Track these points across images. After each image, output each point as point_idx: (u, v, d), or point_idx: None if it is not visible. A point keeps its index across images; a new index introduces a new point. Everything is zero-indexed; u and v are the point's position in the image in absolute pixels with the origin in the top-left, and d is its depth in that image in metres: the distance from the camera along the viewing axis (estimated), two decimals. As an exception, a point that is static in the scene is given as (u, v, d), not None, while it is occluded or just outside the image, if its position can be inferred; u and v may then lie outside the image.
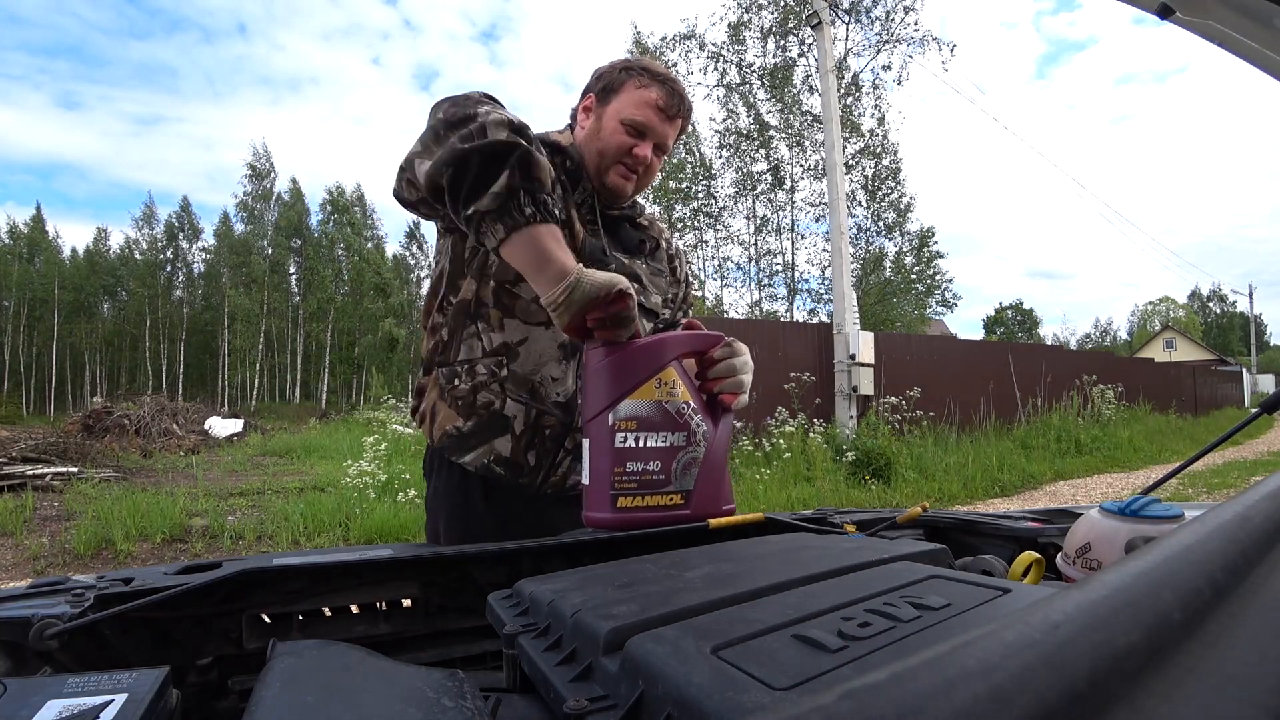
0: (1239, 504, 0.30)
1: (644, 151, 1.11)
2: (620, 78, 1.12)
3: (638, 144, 1.11)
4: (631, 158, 1.11)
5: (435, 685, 0.41)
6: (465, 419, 1.10)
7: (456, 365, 1.10)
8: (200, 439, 11.49)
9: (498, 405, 1.08)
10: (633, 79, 1.12)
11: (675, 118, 1.13)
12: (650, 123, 1.10)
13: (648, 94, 1.10)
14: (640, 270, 1.20)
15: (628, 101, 1.10)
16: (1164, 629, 0.19)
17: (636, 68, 1.13)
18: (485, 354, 1.08)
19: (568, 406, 1.10)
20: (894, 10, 14.20)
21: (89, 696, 0.37)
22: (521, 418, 1.09)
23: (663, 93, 1.11)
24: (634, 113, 1.10)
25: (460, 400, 1.09)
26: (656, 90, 1.10)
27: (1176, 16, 0.86)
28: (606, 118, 1.12)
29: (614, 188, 1.13)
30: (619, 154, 1.11)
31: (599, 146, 1.11)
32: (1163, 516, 0.62)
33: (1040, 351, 12.07)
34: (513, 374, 1.08)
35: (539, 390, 1.09)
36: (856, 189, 16.18)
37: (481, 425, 1.09)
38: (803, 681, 0.31)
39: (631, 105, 1.10)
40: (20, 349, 32.86)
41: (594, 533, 0.77)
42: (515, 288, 1.07)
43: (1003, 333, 64.76)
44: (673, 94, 1.11)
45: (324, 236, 34.35)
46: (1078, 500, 6.31)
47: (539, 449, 1.10)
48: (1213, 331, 68.28)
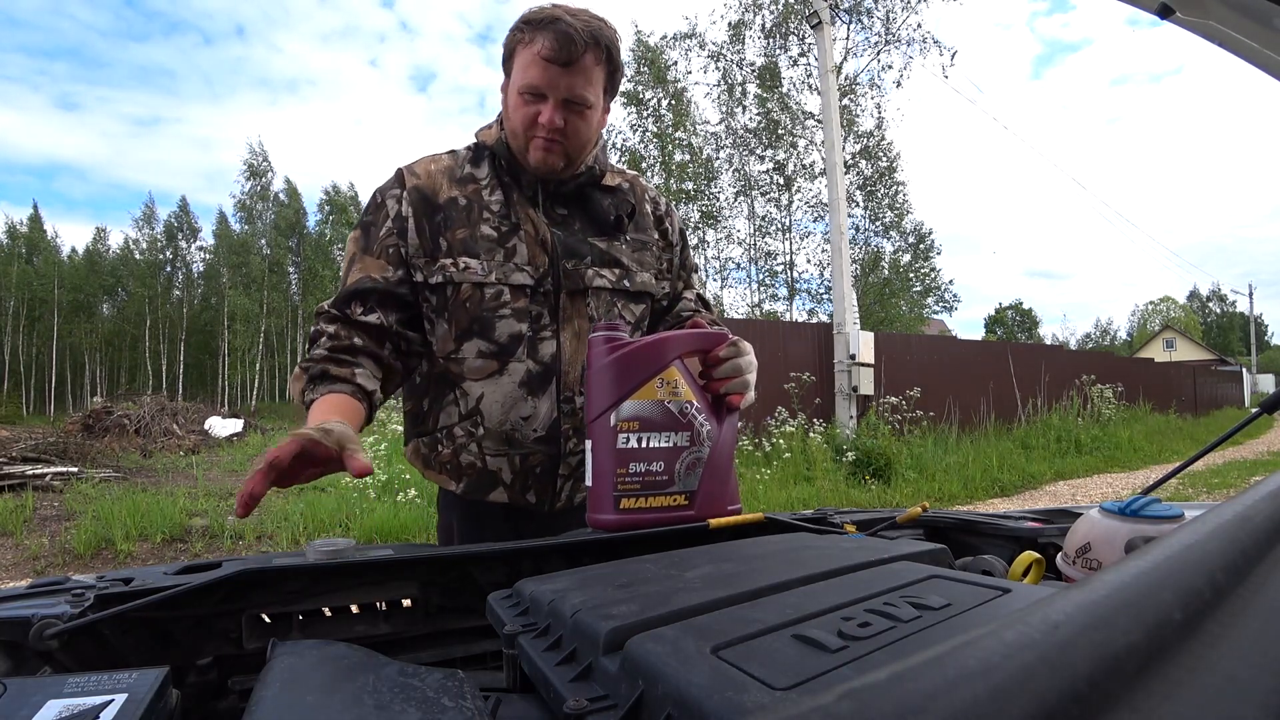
0: (1239, 504, 0.30)
1: (548, 116, 0.97)
2: (511, 40, 1.00)
3: (540, 108, 0.98)
4: (539, 127, 0.98)
5: (435, 685, 0.41)
6: (457, 482, 1.09)
7: (438, 433, 1.08)
8: (200, 439, 11.49)
9: (480, 465, 1.06)
10: (519, 38, 0.98)
11: (573, 61, 0.95)
12: (544, 81, 0.96)
13: (532, 49, 0.96)
14: (620, 252, 1.11)
15: (519, 67, 0.98)
16: (1164, 629, 0.19)
17: (520, 22, 0.99)
18: (461, 418, 1.06)
19: (548, 438, 1.05)
20: (894, 11, 14.20)
21: (89, 696, 0.37)
22: (507, 468, 1.06)
23: (549, 40, 0.94)
24: (524, 77, 0.97)
25: (446, 465, 1.08)
26: (541, 40, 0.95)
27: (1176, 16, 0.86)
28: (510, 93, 1.01)
29: (540, 165, 1.02)
30: (526, 127, 0.99)
31: (511, 127, 1.02)
32: (1163, 516, 0.62)
33: (1040, 351, 12.07)
34: (488, 432, 1.05)
35: (514, 437, 1.05)
36: (854, 189, 16.19)
37: (474, 484, 1.08)
38: (803, 681, 0.31)
39: (521, 69, 0.98)
40: (20, 349, 32.84)
41: (594, 533, 0.77)
42: (458, 352, 1.04)
43: (1003, 333, 64.77)
44: (560, 36, 0.94)
45: (322, 236, 34.34)
46: (1078, 500, 6.31)
47: (535, 487, 1.08)
48: (1213, 331, 68.28)
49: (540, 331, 1.04)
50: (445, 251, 1.03)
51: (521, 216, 1.06)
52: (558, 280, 1.05)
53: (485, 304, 1.02)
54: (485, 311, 1.02)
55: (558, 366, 1.05)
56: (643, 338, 0.86)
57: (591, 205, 1.11)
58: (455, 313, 1.03)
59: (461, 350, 1.04)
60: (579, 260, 1.06)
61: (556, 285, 1.05)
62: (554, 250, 1.05)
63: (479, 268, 1.02)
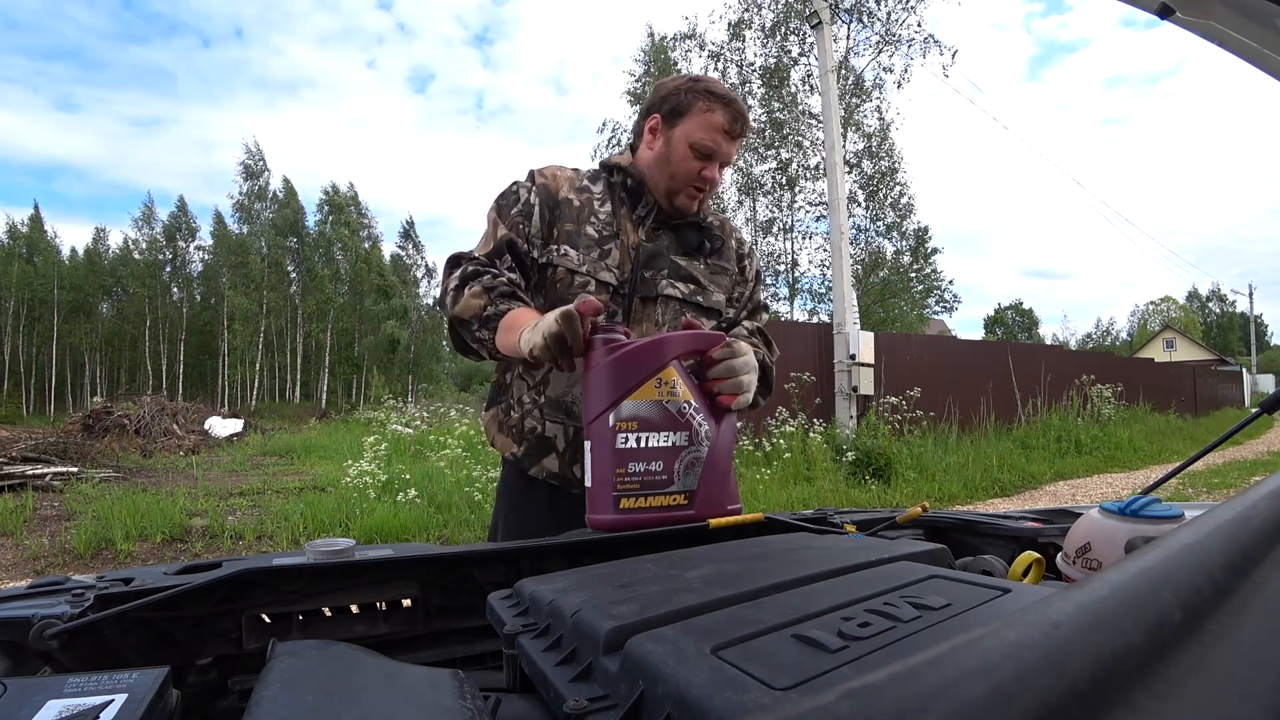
0: (1239, 504, 0.30)
1: (712, 174, 1.18)
2: (687, 100, 1.17)
3: (706, 166, 1.17)
4: (701, 180, 1.18)
5: (435, 685, 0.41)
6: (518, 444, 1.21)
7: (510, 400, 1.24)
8: (200, 439, 11.49)
9: (540, 429, 1.19)
10: (699, 102, 1.16)
11: (739, 137, 1.19)
12: (718, 146, 1.16)
13: (714, 118, 1.15)
14: (697, 271, 1.26)
15: (695, 126, 1.16)
16: (1164, 629, 0.19)
17: (701, 90, 1.17)
18: (529, 387, 1.21)
19: None
20: (895, 10, 14.18)
21: (89, 696, 0.37)
22: (561, 436, 1.18)
23: (728, 115, 1.16)
24: (702, 137, 1.16)
25: (513, 429, 1.22)
26: (722, 113, 1.16)
27: (1176, 16, 0.86)
28: (675, 142, 1.18)
29: (683, 208, 1.22)
30: (689, 179, 1.18)
31: (670, 170, 1.19)
32: (1163, 516, 0.62)
33: (1040, 351, 12.08)
34: (548, 399, 1.18)
35: (573, 409, 1.17)
36: (856, 189, 16.18)
37: (531, 449, 1.20)
38: (803, 681, 0.31)
39: (700, 130, 1.16)
40: (20, 349, 32.84)
41: (594, 533, 0.77)
42: None
43: (1003, 333, 64.76)
44: (736, 116, 1.17)
45: (321, 236, 34.36)
46: (1078, 500, 6.31)
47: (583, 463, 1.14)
48: (1213, 331, 68.28)
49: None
50: (554, 239, 1.19)
51: (624, 229, 1.22)
52: (635, 285, 1.20)
53: (573, 289, 1.16)
54: (571, 295, 1.13)
55: None
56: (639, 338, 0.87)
57: (684, 236, 1.28)
58: (549, 292, 1.18)
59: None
60: (656, 271, 1.21)
61: (633, 290, 1.20)
62: (637, 258, 1.20)
63: (576, 257, 1.17)
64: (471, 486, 5.37)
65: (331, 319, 34.01)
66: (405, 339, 33.37)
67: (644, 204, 1.23)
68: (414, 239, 38.02)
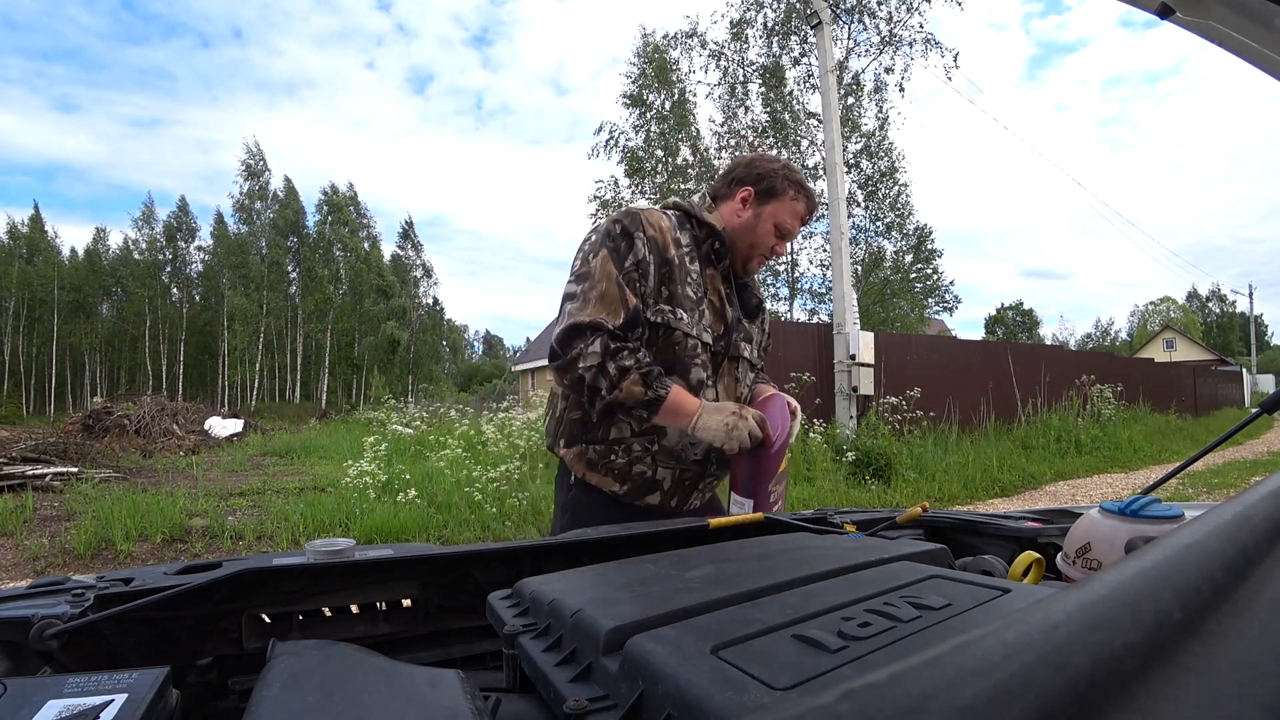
0: (1239, 504, 0.30)
1: (783, 249, 1.41)
2: (780, 186, 1.36)
3: (780, 244, 1.39)
4: (773, 253, 1.39)
5: (435, 685, 0.41)
6: (621, 484, 1.30)
7: (611, 444, 1.29)
8: (200, 439, 11.49)
9: (650, 474, 1.30)
10: (789, 190, 1.36)
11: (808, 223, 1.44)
12: (795, 230, 1.38)
13: (798, 206, 1.37)
14: (754, 332, 1.45)
15: (783, 210, 1.36)
16: (1164, 629, 0.19)
17: (794, 181, 1.37)
18: (635, 434, 1.28)
19: (703, 461, 1.32)
20: (896, 10, 14.16)
21: (89, 696, 0.37)
22: (670, 479, 1.31)
23: (807, 207, 1.39)
24: (787, 221, 1.36)
25: (616, 470, 1.30)
26: (804, 204, 1.38)
27: (1176, 16, 0.86)
28: (763, 218, 1.36)
29: (751, 272, 1.42)
30: (766, 250, 1.38)
31: (752, 240, 1.36)
32: (1163, 516, 0.62)
33: (1040, 351, 12.07)
34: (663, 448, 1.29)
35: (682, 456, 1.30)
36: (855, 189, 16.17)
37: (636, 488, 1.30)
38: (803, 681, 0.31)
39: (786, 214, 1.36)
40: (20, 349, 32.84)
41: (594, 533, 0.77)
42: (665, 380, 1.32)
43: (1003, 333, 64.75)
44: (812, 209, 1.40)
45: (320, 237, 34.34)
46: (1078, 500, 6.31)
47: (679, 495, 1.34)
48: (1213, 331, 68.27)
49: (708, 380, 1.33)
50: (666, 299, 1.28)
51: (709, 288, 1.35)
52: (728, 346, 1.35)
53: (685, 350, 1.29)
54: (685, 356, 1.29)
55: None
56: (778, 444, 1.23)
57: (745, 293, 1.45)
58: (662, 350, 1.28)
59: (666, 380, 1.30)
60: (739, 334, 1.38)
61: (725, 349, 1.35)
62: (732, 322, 1.36)
63: (687, 321, 1.29)
64: (471, 487, 5.37)
65: (331, 319, 34.01)
66: (405, 339, 33.36)
67: (724, 265, 1.37)
68: (413, 239, 38.04)
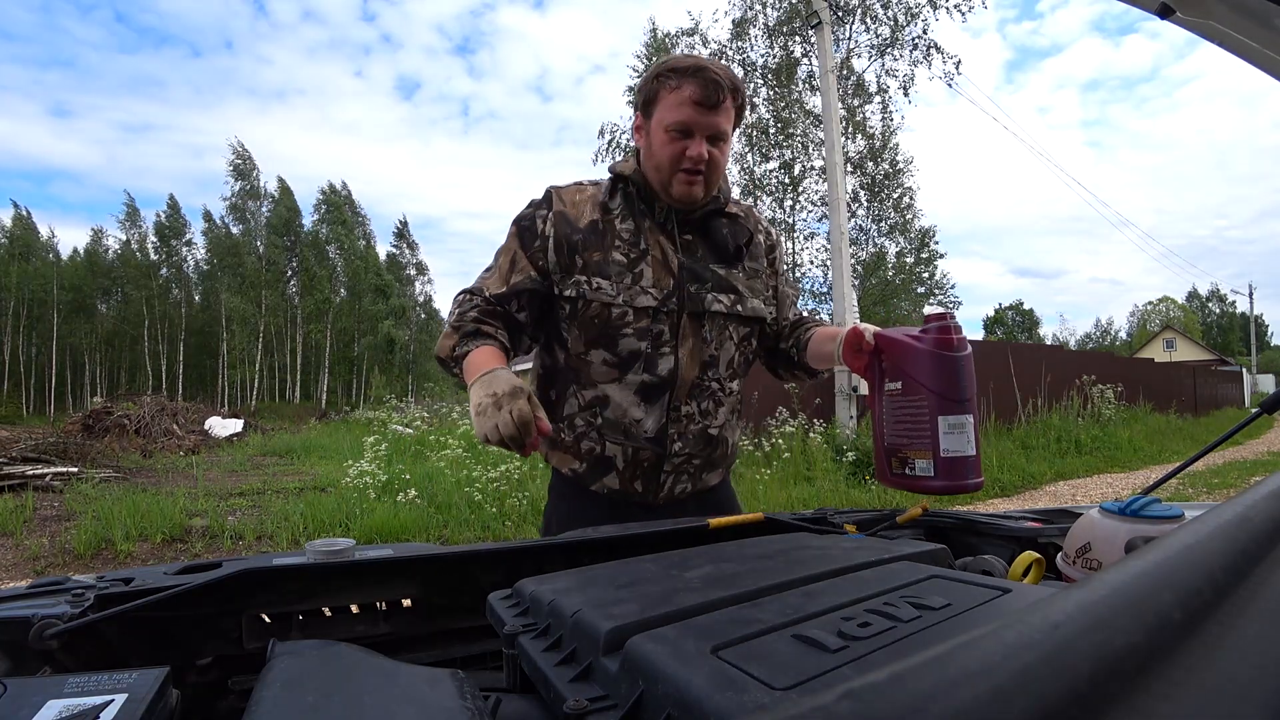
0: (1239, 504, 0.30)
1: (696, 150, 1.10)
2: (654, 87, 1.14)
3: (688, 144, 1.11)
4: (688, 160, 1.11)
5: (435, 685, 0.41)
6: (578, 461, 1.20)
7: (561, 421, 1.20)
8: (200, 439, 11.49)
9: (599, 450, 1.18)
10: (664, 84, 1.12)
11: (718, 105, 1.10)
12: (692, 119, 1.10)
13: (681, 93, 1.10)
14: (736, 279, 1.22)
15: (665, 108, 1.12)
16: (1164, 629, 0.19)
17: (665, 70, 1.13)
18: (581, 408, 1.18)
19: (657, 439, 1.17)
20: (898, 14, 14.14)
21: (89, 696, 0.37)
22: (621, 456, 1.18)
23: (695, 85, 1.09)
24: (672, 115, 1.10)
25: (568, 449, 1.21)
26: (689, 86, 1.09)
27: (1176, 16, 0.86)
28: (653, 131, 1.14)
29: (682, 196, 1.15)
30: (673, 162, 1.12)
31: (655, 163, 1.14)
32: (1163, 516, 0.62)
33: (1040, 351, 12.06)
34: (606, 420, 1.17)
35: (631, 430, 1.16)
36: (859, 189, 16.17)
37: (590, 467, 1.19)
38: (803, 681, 0.31)
39: (669, 110, 1.11)
40: (20, 349, 32.84)
41: (594, 533, 0.77)
42: (587, 355, 1.17)
43: (1003, 333, 64.75)
44: (706, 83, 1.09)
45: (318, 235, 34.33)
46: (1078, 500, 6.31)
47: (643, 478, 1.20)
48: (1213, 331, 68.26)
49: (660, 348, 1.16)
50: (580, 269, 1.15)
51: (650, 243, 1.17)
52: (681, 303, 1.16)
53: (611, 321, 1.14)
54: (610, 328, 1.15)
55: (673, 380, 1.16)
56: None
57: (714, 233, 1.23)
58: (584, 324, 1.16)
59: (589, 355, 1.17)
60: (701, 285, 1.18)
61: (680, 307, 1.16)
62: (680, 275, 1.16)
63: (609, 289, 1.14)
64: (472, 487, 5.37)
65: (330, 319, 34.01)
66: (403, 339, 33.35)
67: (659, 207, 1.18)
68: (408, 238, 38.03)
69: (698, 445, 1.20)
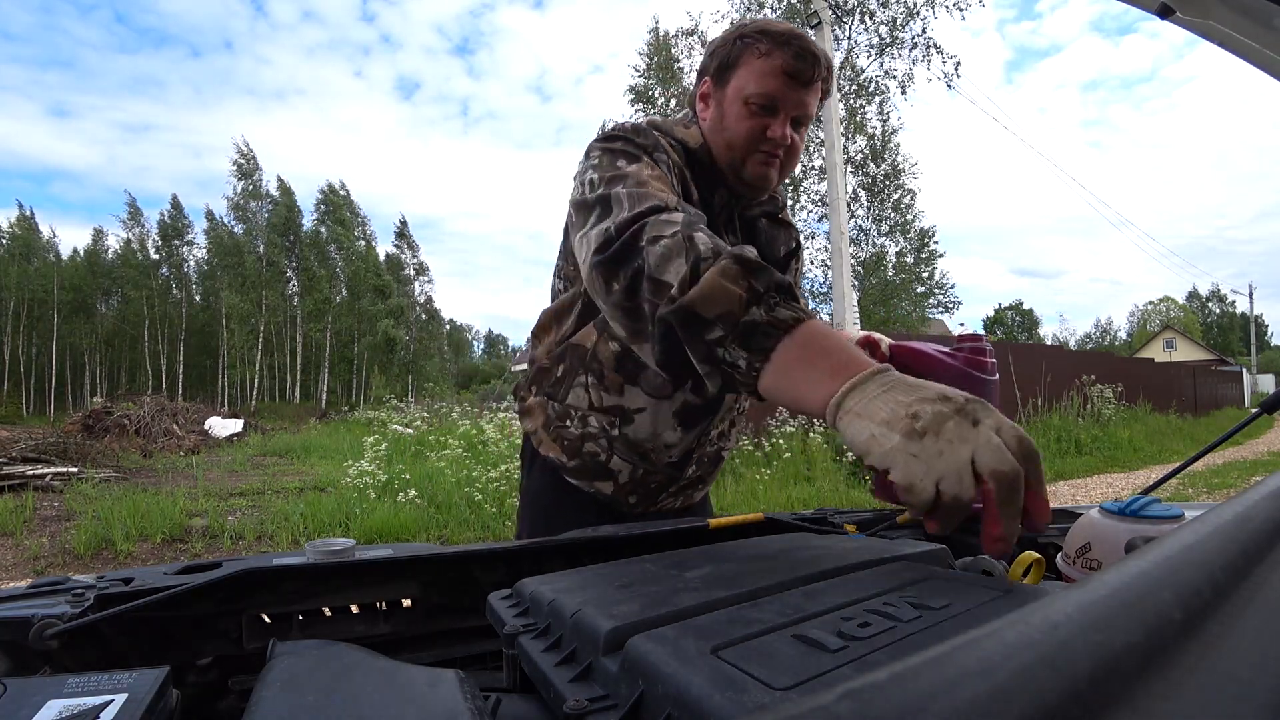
0: (1239, 504, 0.30)
1: (779, 130, 0.94)
2: (736, 50, 0.95)
3: (770, 123, 0.94)
4: (768, 141, 0.94)
5: (435, 685, 0.41)
6: (570, 457, 1.04)
7: (568, 407, 1.02)
8: (200, 439, 11.49)
9: (603, 458, 1.02)
10: (750, 48, 0.94)
11: (811, 82, 0.94)
12: (780, 93, 0.93)
13: (771, 61, 0.93)
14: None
15: (749, 76, 0.94)
16: (1164, 629, 0.19)
17: (752, 32, 0.95)
18: (595, 408, 0.99)
19: (679, 464, 1.04)
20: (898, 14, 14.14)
21: (89, 696, 0.37)
22: (627, 473, 1.03)
23: (789, 55, 0.92)
24: (759, 86, 0.93)
25: (567, 441, 1.03)
26: (781, 55, 0.92)
27: (1176, 16, 0.86)
28: (728, 100, 0.96)
29: (756, 180, 0.97)
30: (751, 141, 0.95)
31: (726, 138, 0.96)
32: (1163, 516, 0.62)
33: (1040, 351, 12.07)
34: (624, 437, 1.00)
35: (650, 455, 1.01)
36: (859, 189, 16.18)
37: (585, 467, 1.03)
38: (803, 681, 0.31)
39: (754, 79, 0.93)
40: (20, 349, 32.85)
41: (594, 532, 0.77)
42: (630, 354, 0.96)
43: (1003, 333, 64.76)
44: (801, 54, 0.93)
45: (316, 236, 34.35)
46: (1078, 500, 6.31)
47: (640, 494, 1.06)
48: (1213, 331, 68.27)
49: None
50: None
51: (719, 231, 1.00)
52: None
53: None
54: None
55: (719, 404, 1.02)
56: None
57: (757, 235, 1.07)
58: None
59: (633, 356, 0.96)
60: None
61: None
62: None
63: None
64: (471, 487, 5.37)
65: (330, 319, 34.02)
66: (403, 339, 33.36)
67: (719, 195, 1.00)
68: (408, 238, 38.04)
69: (709, 467, 1.09)
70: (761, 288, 0.59)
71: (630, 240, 0.69)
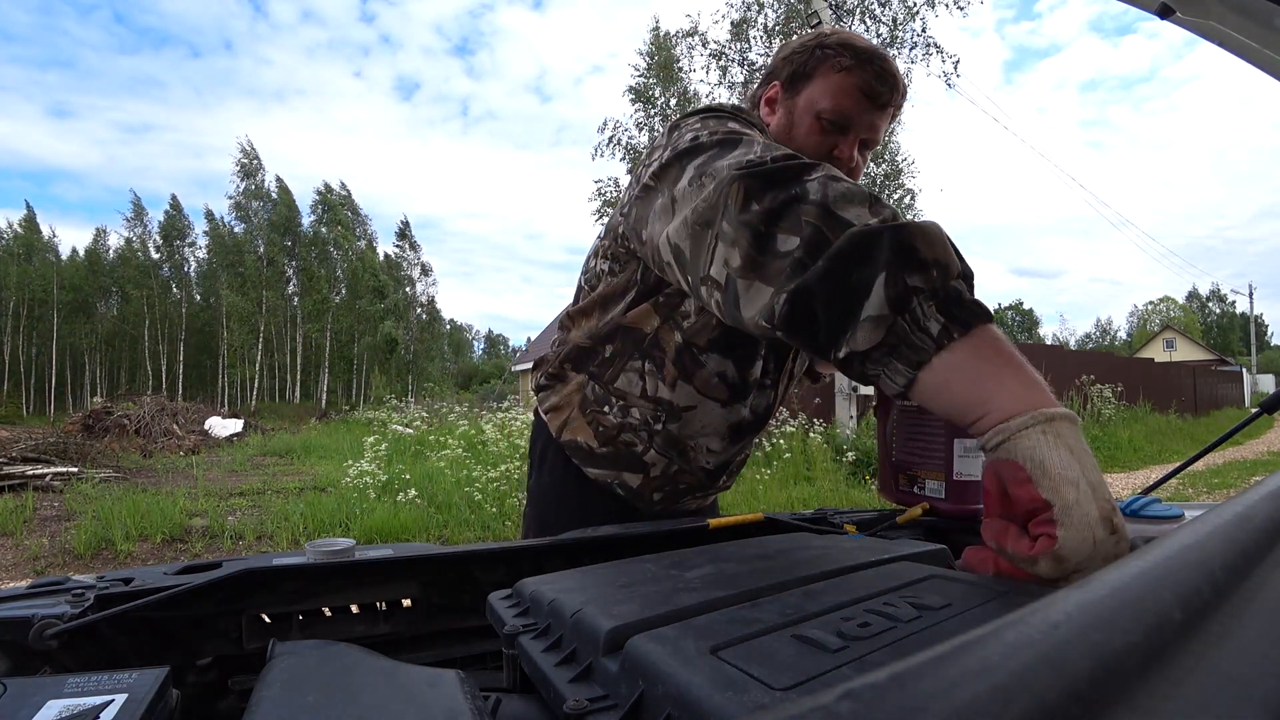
0: (1239, 504, 0.30)
1: (847, 152, 0.91)
2: (815, 60, 0.91)
3: (839, 142, 0.90)
4: (834, 161, 0.90)
5: (435, 685, 0.41)
6: (600, 444, 0.98)
7: (611, 392, 0.97)
8: (200, 439, 11.49)
9: (639, 450, 0.97)
10: (829, 61, 0.90)
11: (886, 106, 0.91)
12: (854, 112, 0.89)
13: (850, 78, 0.89)
14: None
15: (824, 90, 0.90)
16: (1164, 629, 0.19)
17: (833, 44, 0.91)
18: (644, 397, 0.95)
19: (714, 472, 1.01)
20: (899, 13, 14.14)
21: (89, 696, 0.37)
22: (659, 467, 0.99)
23: (868, 75, 0.89)
24: (833, 103, 0.89)
25: (602, 426, 0.98)
26: (860, 73, 0.88)
27: (1176, 16, 0.86)
28: (798, 111, 0.92)
29: None
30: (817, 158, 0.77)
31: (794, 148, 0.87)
32: (1163, 516, 0.63)
33: (1040, 351, 12.08)
34: (667, 432, 0.96)
35: (689, 454, 0.98)
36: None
37: (615, 456, 0.98)
38: (803, 681, 0.31)
39: (829, 94, 0.89)
40: (20, 349, 32.86)
41: (594, 532, 0.77)
42: (702, 355, 0.92)
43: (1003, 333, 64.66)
44: (882, 75, 0.89)
45: (316, 236, 34.36)
46: (1078, 500, 6.29)
47: (666, 492, 1.01)
48: (1213, 331, 68.28)
49: (765, 378, 0.96)
50: None
51: None
52: None
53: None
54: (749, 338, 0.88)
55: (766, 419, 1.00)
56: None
57: None
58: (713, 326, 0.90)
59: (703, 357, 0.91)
60: None
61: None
62: None
63: None
64: (471, 487, 5.37)
65: (330, 319, 34.03)
66: (403, 339, 33.37)
67: None
68: (409, 238, 38.03)
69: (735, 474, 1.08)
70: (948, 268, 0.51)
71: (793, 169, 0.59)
